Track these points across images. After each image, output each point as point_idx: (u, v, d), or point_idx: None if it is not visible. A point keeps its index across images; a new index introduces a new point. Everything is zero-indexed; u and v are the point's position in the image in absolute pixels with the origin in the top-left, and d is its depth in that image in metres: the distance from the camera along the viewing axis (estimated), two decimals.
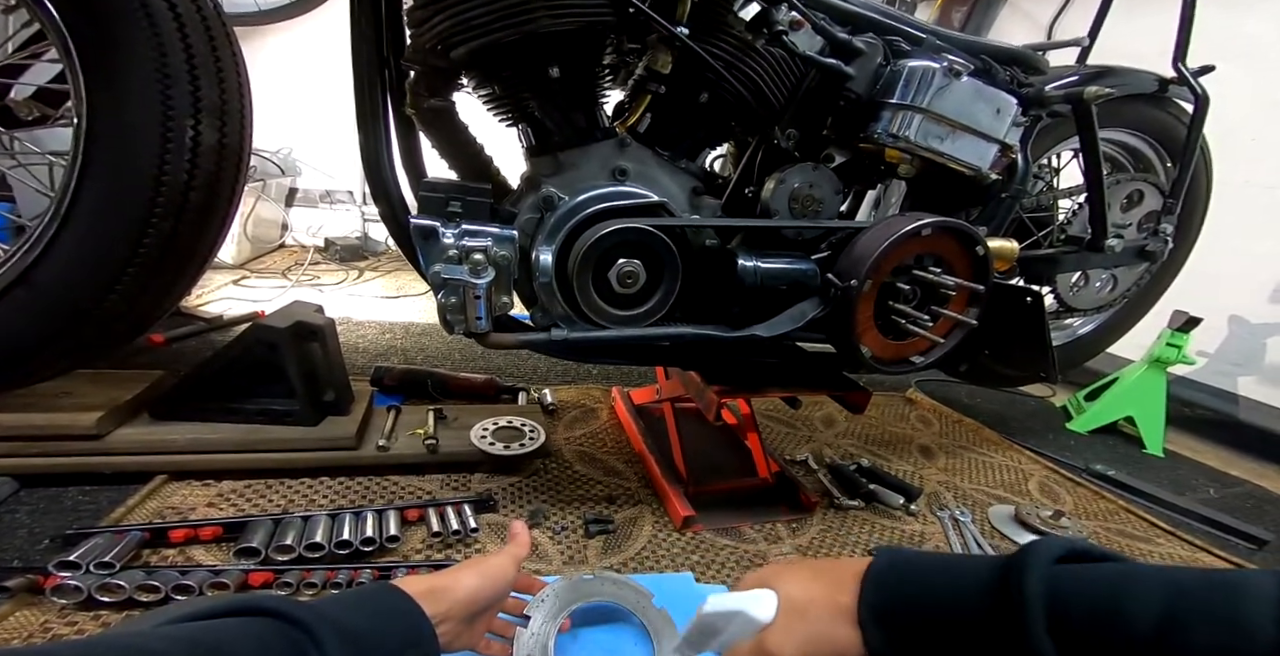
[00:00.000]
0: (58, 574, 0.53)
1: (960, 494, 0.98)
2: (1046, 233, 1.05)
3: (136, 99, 0.61)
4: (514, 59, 0.62)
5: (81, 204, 0.60)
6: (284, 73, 1.77)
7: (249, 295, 1.41)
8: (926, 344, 0.77)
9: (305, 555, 0.61)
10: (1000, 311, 0.81)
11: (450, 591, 0.44)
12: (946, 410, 1.32)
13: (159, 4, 0.62)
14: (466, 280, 0.58)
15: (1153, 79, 1.05)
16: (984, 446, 1.19)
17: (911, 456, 1.09)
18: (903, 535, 0.84)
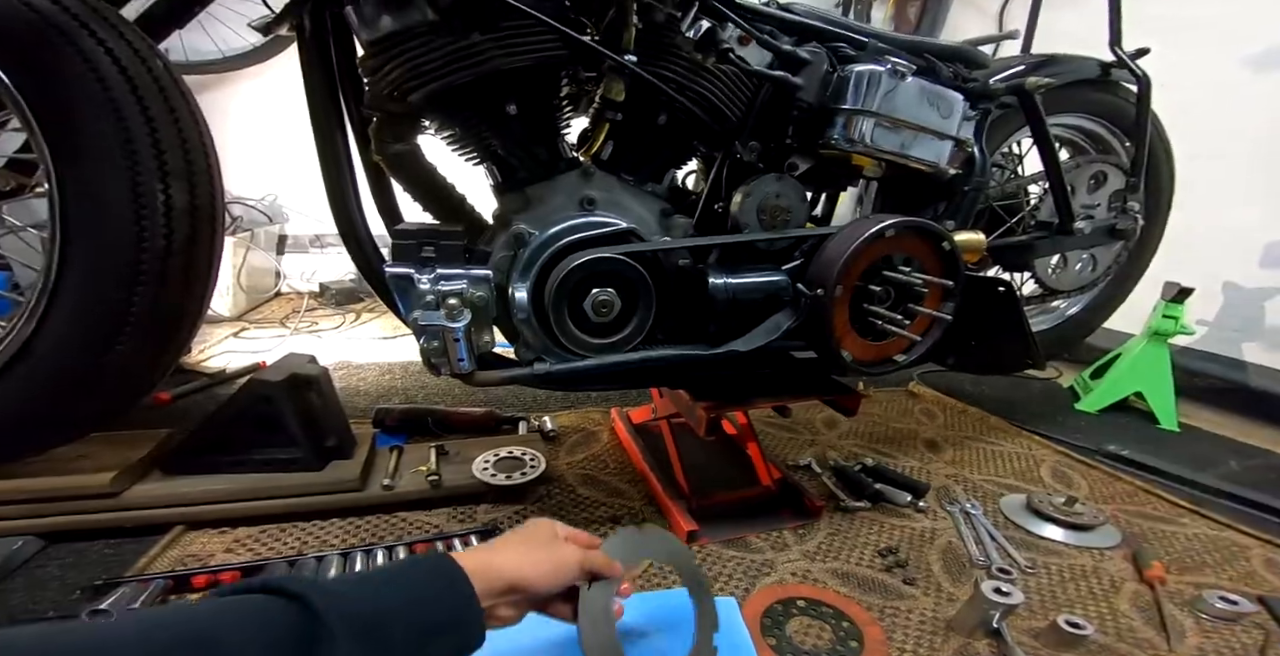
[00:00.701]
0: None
1: (970, 486, 0.98)
2: (1018, 219, 1.05)
3: (102, 166, 0.62)
4: (471, 99, 0.64)
5: (68, 276, 0.62)
6: (259, 118, 1.76)
7: (250, 347, 1.44)
8: (907, 342, 0.78)
9: None
10: (977, 303, 0.82)
11: (508, 575, 0.43)
12: (950, 401, 1.31)
13: (107, 65, 0.62)
14: (444, 324, 0.60)
15: (1094, 64, 1.06)
16: (991, 435, 1.17)
17: (917, 451, 1.08)
18: (913, 533, 0.84)
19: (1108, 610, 0.71)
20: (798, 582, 0.71)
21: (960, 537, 0.83)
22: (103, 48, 0.62)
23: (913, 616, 0.68)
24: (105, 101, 0.62)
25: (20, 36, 0.60)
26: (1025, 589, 0.73)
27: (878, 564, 0.76)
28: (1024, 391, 1.45)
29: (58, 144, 0.62)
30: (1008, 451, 1.12)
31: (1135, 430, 1.25)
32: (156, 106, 0.65)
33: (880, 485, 0.91)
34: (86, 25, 0.63)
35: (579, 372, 0.68)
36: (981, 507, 0.90)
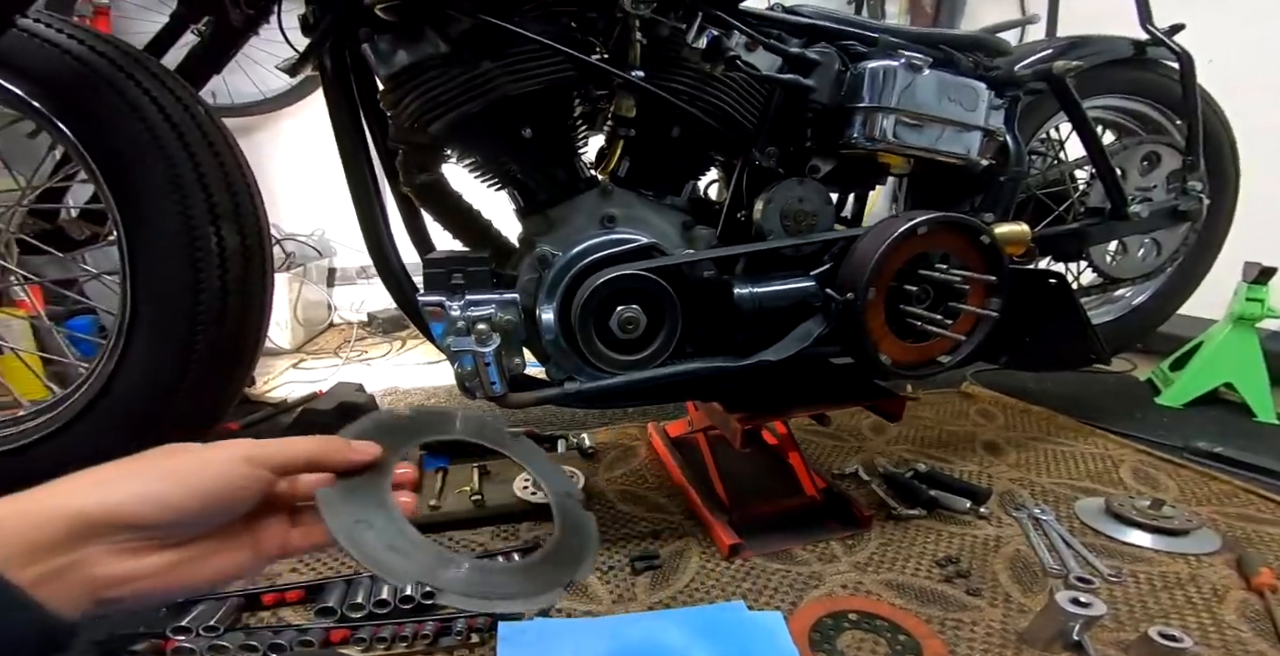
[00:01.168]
0: (174, 637, 0.59)
1: (1038, 490, 0.92)
2: (1066, 207, 0.99)
3: (157, 212, 0.66)
4: (487, 126, 0.66)
5: (139, 318, 0.68)
6: (302, 156, 1.82)
7: (307, 377, 1.53)
8: (951, 343, 0.74)
9: (374, 611, 0.65)
10: (1028, 297, 0.77)
11: (72, 509, 0.27)
12: (1009, 400, 1.24)
13: (153, 113, 0.67)
14: (474, 349, 0.62)
15: (1126, 44, 1.01)
16: (1060, 435, 1.10)
17: (975, 455, 1.03)
18: (975, 541, 0.79)
19: (1210, 621, 0.65)
20: (848, 595, 0.69)
21: (1030, 545, 0.78)
22: (148, 96, 0.67)
23: (978, 629, 0.64)
24: (155, 148, 0.67)
25: (74, 89, 0.66)
26: (1110, 599, 0.68)
27: (936, 574, 0.72)
28: (1094, 387, 1.34)
29: (119, 192, 0.67)
30: (1080, 452, 1.04)
31: (1228, 424, 1.14)
32: (201, 151, 0.70)
33: (936, 491, 0.87)
34: (132, 75, 0.68)
35: (609, 390, 0.68)
36: (1053, 513, 0.85)
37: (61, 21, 0.69)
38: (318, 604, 0.65)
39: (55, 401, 0.73)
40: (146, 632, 0.60)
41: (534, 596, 0.41)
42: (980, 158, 0.76)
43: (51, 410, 0.73)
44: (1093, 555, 0.75)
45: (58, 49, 0.66)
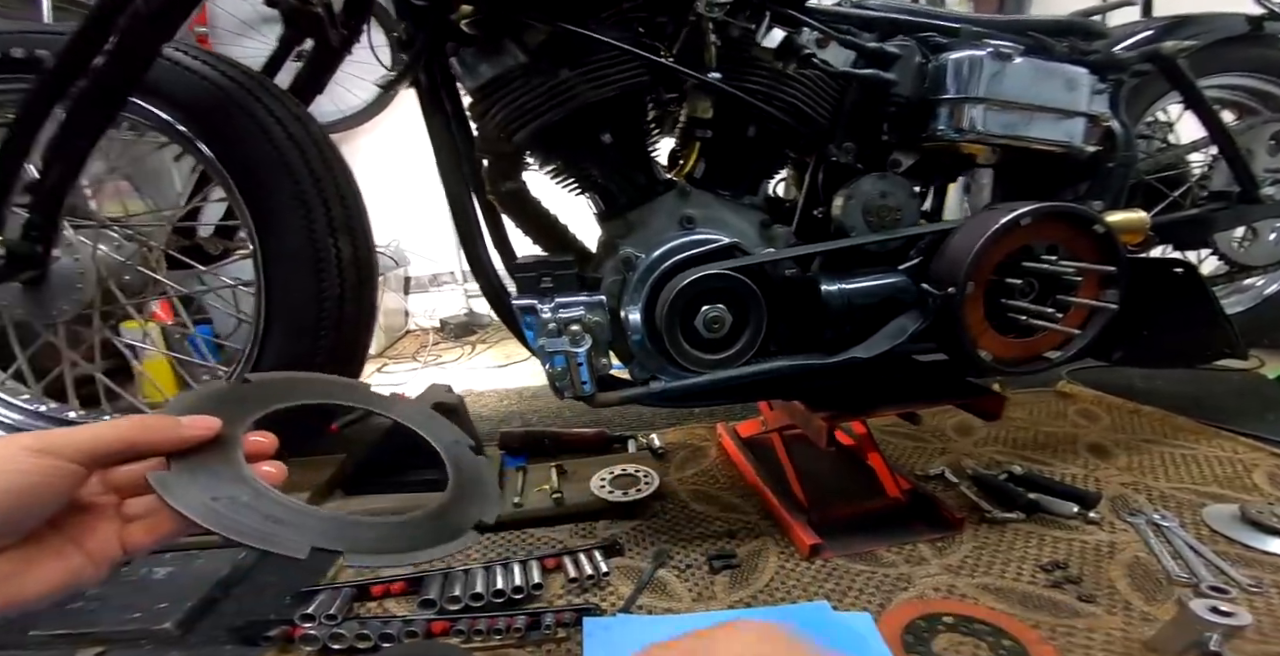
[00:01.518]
0: (301, 625, 0.64)
1: (1156, 495, 0.85)
2: (1184, 191, 0.91)
3: (286, 225, 0.72)
4: (568, 134, 0.68)
5: (272, 326, 0.76)
6: (376, 170, 1.91)
7: (390, 380, 1.63)
8: (1059, 337, 0.69)
9: (470, 604, 0.68)
10: (1151, 288, 0.71)
11: None
12: (1116, 400, 1.15)
13: (278, 132, 0.72)
14: (568, 350, 0.64)
15: (1240, 20, 0.94)
16: (1179, 437, 1.01)
17: (1079, 458, 0.96)
18: (1084, 546, 0.75)
19: None
20: (941, 598, 0.66)
21: (1151, 552, 0.73)
22: (273, 117, 0.74)
23: (1096, 636, 0.60)
24: (281, 166, 0.73)
25: (212, 112, 0.73)
26: (1251, 610, 0.62)
27: (1041, 579, 0.69)
28: (1215, 386, 1.22)
29: (254, 208, 0.74)
30: (1204, 455, 0.95)
31: None
32: (319, 167, 0.75)
33: (1036, 495, 0.82)
34: (259, 98, 0.74)
35: (695, 389, 0.69)
36: (1176, 519, 0.78)
37: (196, 49, 0.77)
38: (419, 596, 0.70)
39: None
40: (277, 619, 0.66)
41: (446, 542, 0.39)
42: (1085, 144, 0.72)
43: None
44: (1227, 563, 0.69)
45: (196, 76, 0.74)
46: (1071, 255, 0.67)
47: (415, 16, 0.67)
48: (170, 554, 0.79)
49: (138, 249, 0.85)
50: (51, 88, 0.69)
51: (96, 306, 0.83)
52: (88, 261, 0.80)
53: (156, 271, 0.85)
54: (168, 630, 0.65)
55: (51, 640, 0.65)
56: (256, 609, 0.71)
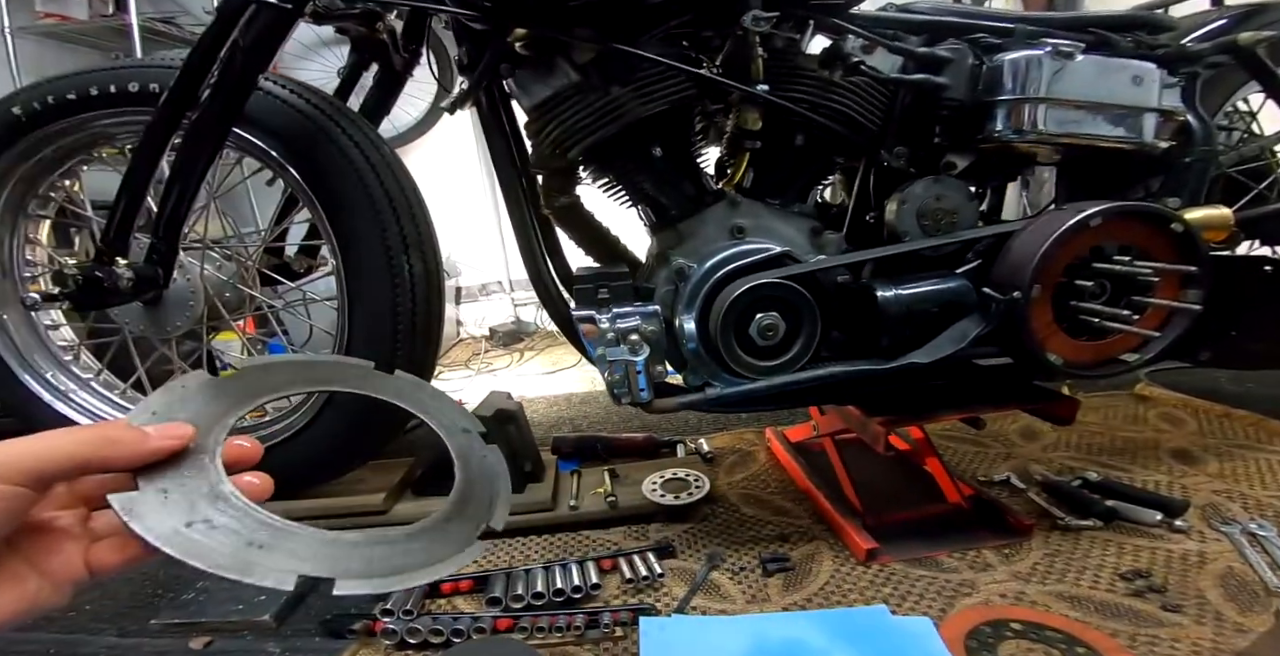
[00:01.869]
0: (381, 619, 0.69)
1: (1252, 503, 0.80)
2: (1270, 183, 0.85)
3: (365, 243, 0.76)
4: (620, 148, 0.70)
5: (354, 337, 0.81)
6: (428, 183, 2.09)
7: (447, 387, 1.71)
8: (1136, 339, 0.66)
9: (532, 602, 0.72)
10: (1237, 286, 0.67)
11: None
12: (1202, 403, 1.07)
13: (356, 155, 0.76)
14: (627, 358, 0.66)
15: None
16: (1275, 443, 0.95)
17: (1162, 464, 0.92)
18: (1170, 555, 0.71)
19: None
20: (1009, 604, 0.65)
21: (1246, 562, 0.69)
22: (351, 141, 0.79)
23: (1181, 646, 0.58)
24: (360, 187, 0.77)
25: (300, 139, 0.78)
26: None
27: (1120, 588, 0.66)
28: None
29: (337, 227, 0.79)
30: None
31: None
32: (392, 187, 0.79)
33: (1114, 502, 0.79)
34: (338, 123, 0.79)
35: (750, 394, 0.70)
36: (1275, 528, 0.74)
37: (285, 79, 0.83)
38: (486, 593, 0.73)
39: (291, 410, 0.91)
40: (359, 614, 0.71)
41: (447, 560, 0.34)
42: (1158, 140, 0.69)
43: (291, 415, 0.90)
44: None
45: (286, 104, 0.80)
46: (1147, 255, 0.64)
47: (474, 40, 0.71)
48: None
49: (237, 268, 0.95)
50: (168, 119, 0.76)
51: (204, 321, 0.92)
52: (197, 281, 0.90)
53: (252, 288, 0.94)
54: (266, 622, 0.71)
55: (167, 628, 0.72)
56: (341, 604, 0.76)
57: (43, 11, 1.79)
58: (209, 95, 0.75)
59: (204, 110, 0.75)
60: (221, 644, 0.70)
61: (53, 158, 0.93)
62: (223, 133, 0.77)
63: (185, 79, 0.75)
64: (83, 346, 1.04)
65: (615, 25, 0.66)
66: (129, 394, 1.01)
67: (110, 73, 0.86)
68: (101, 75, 0.86)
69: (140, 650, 0.70)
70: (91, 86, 0.85)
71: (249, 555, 0.28)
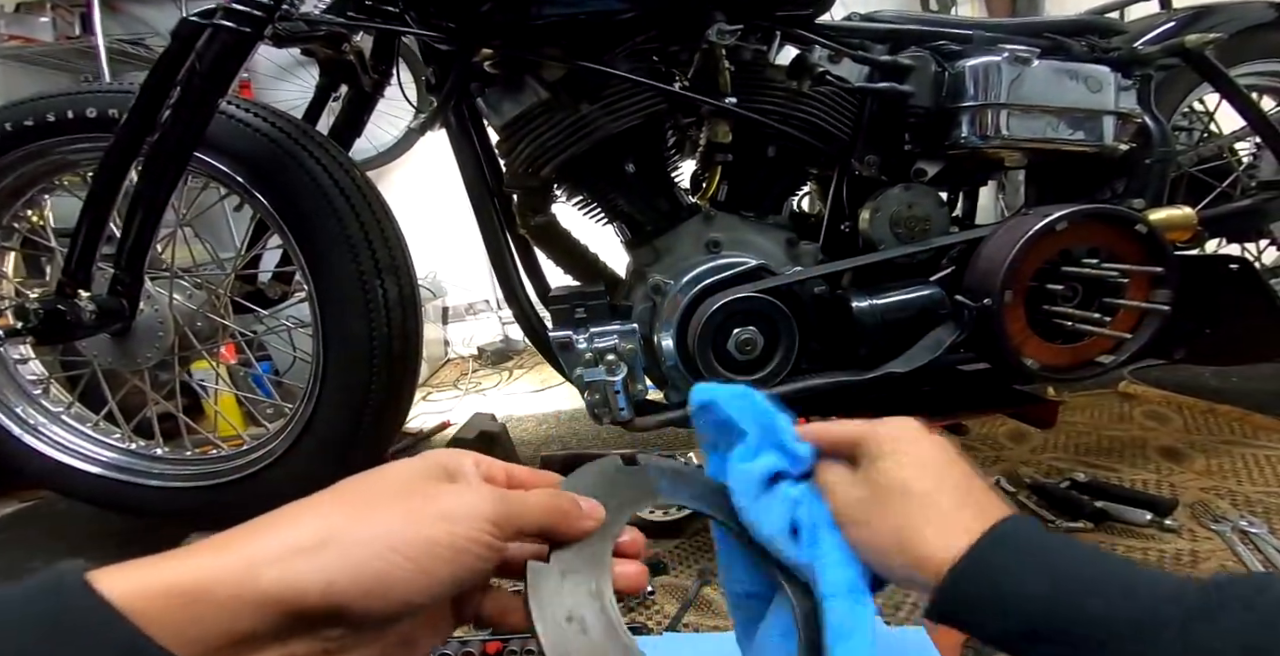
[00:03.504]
0: None
1: (1241, 500, 0.80)
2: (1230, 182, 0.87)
3: (337, 269, 0.75)
4: (593, 165, 0.70)
5: (330, 365, 0.79)
6: (410, 203, 1.90)
7: (435, 408, 1.69)
8: (1110, 341, 0.67)
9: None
10: (1205, 284, 0.68)
11: (282, 590, 0.19)
12: (1187, 400, 1.08)
13: (324, 179, 0.75)
14: (604, 379, 0.65)
15: (1263, 7, 0.89)
16: (1262, 438, 0.95)
17: (1150, 462, 0.91)
18: (1162, 555, 0.71)
19: None
20: None
21: (1239, 560, 0.68)
22: (320, 164, 0.77)
23: None
24: (330, 211, 0.75)
25: (266, 163, 0.76)
26: None
27: None
28: None
29: (307, 252, 0.77)
30: None
31: None
32: (363, 211, 0.78)
33: (1103, 502, 0.78)
34: (305, 146, 0.77)
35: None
36: (1265, 525, 0.73)
37: (247, 102, 0.82)
38: None
39: (271, 436, 0.89)
40: None
41: None
42: (1116, 142, 0.70)
43: (269, 443, 0.88)
44: None
45: (249, 127, 0.78)
46: (1115, 257, 0.65)
47: (440, 60, 0.70)
48: None
49: (207, 297, 0.93)
50: (127, 144, 0.73)
51: (175, 352, 0.90)
52: (165, 310, 0.88)
53: (224, 316, 0.92)
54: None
55: None
56: None
57: (6, 34, 1.76)
58: (168, 120, 0.73)
59: (163, 135, 0.74)
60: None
61: (13, 187, 0.91)
62: (183, 158, 0.76)
63: (143, 103, 0.73)
64: (53, 380, 1.02)
65: (582, 43, 0.66)
66: (101, 426, 0.99)
67: (67, 99, 0.84)
68: (59, 101, 0.84)
69: None
70: (49, 113, 0.83)
71: None
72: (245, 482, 0.86)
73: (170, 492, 0.91)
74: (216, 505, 0.88)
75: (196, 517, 0.89)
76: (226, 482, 0.87)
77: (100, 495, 0.94)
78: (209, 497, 0.88)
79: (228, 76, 0.74)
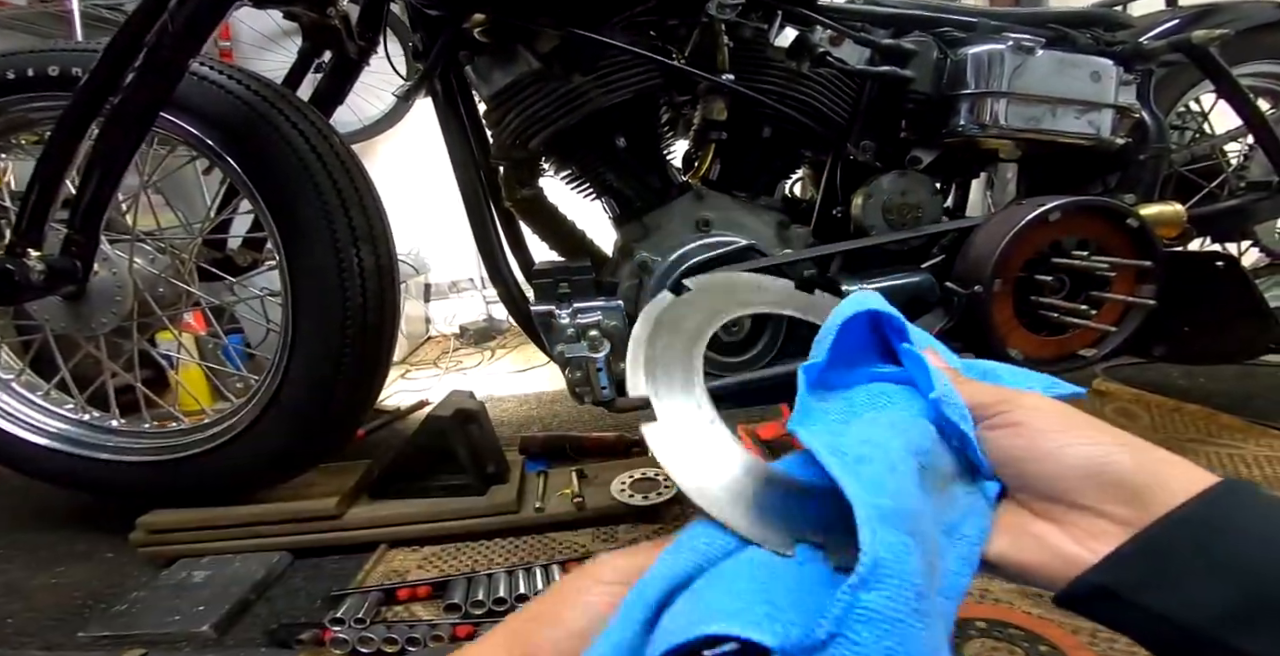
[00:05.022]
0: (331, 628, 0.65)
1: None
2: (1219, 182, 0.88)
3: (311, 236, 0.73)
4: (583, 138, 0.68)
5: (300, 334, 0.76)
6: (396, 178, 1.91)
7: (413, 386, 1.66)
8: (1094, 334, 0.67)
9: (494, 608, 0.69)
10: (1191, 282, 0.69)
11: None
12: (1155, 398, 1.10)
13: (301, 144, 0.73)
14: (587, 356, 0.64)
15: (1270, 5, 0.90)
16: (1224, 436, 0.97)
17: None
18: None
19: None
20: (973, 602, 0.64)
21: None
22: (296, 130, 0.74)
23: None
24: (306, 177, 0.73)
25: (239, 126, 0.74)
26: None
27: None
28: (1262, 383, 1.17)
29: (279, 219, 0.74)
30: (1252, 455, 0.91)
31: None
32: (341, 178, 0.75)
33: None
34: (282, 111, 0.75)
35: (715, 392, 0.68)
36: None
37: (222, 64, 0.78)
38: (445, 599, 0.70)
39: (234, 409, 0.85)
40: (308, 622, 0.67)
41: None
42: (1114, 136, 0.70)
43: (232, 417, 0.85)
44: None
45: (223, 90, 0.75)
46: (1104, 250, 0.65)
47: (429, 26, 0.68)
48: (207, 557, 0.82)
49: (171, 262, 0.88)
50: (86, 104, 0.71)
51: (134, 318, 0.86)
52: (124, 275, 0.83)
53: (189, 283, 0.88)
54: (206, 633, 0.67)
55: (96, 641, 0.67)
56: (289, 611, 0.72)
57: None
58: (133, 80, 0.69)
59: (127, 95, 0.70)
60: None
61: None
62: (148, 119, 0.72)
63: (109, 61, 0.70)
64: (3, 344, 0.96)
65: (577, 12, 0.64)
66: (53, 395, 0.94)
67: (28, 56, 0.80)
68: (19, 59, 0.80)
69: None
70: (8, 71, 0.80)
71: None
72: (204, 458, 0.83)
73: (122, 468, 0.87)
74: (172, 482, 0.85)
75: (149, 495, 0.86)
76: (184, 458, 0.84)
77: (47, 468, 0.90)
78: (164, 474, 0.85)
79: (201, 36, 0.71)
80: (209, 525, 0.83)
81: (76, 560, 0.87)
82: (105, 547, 0.89)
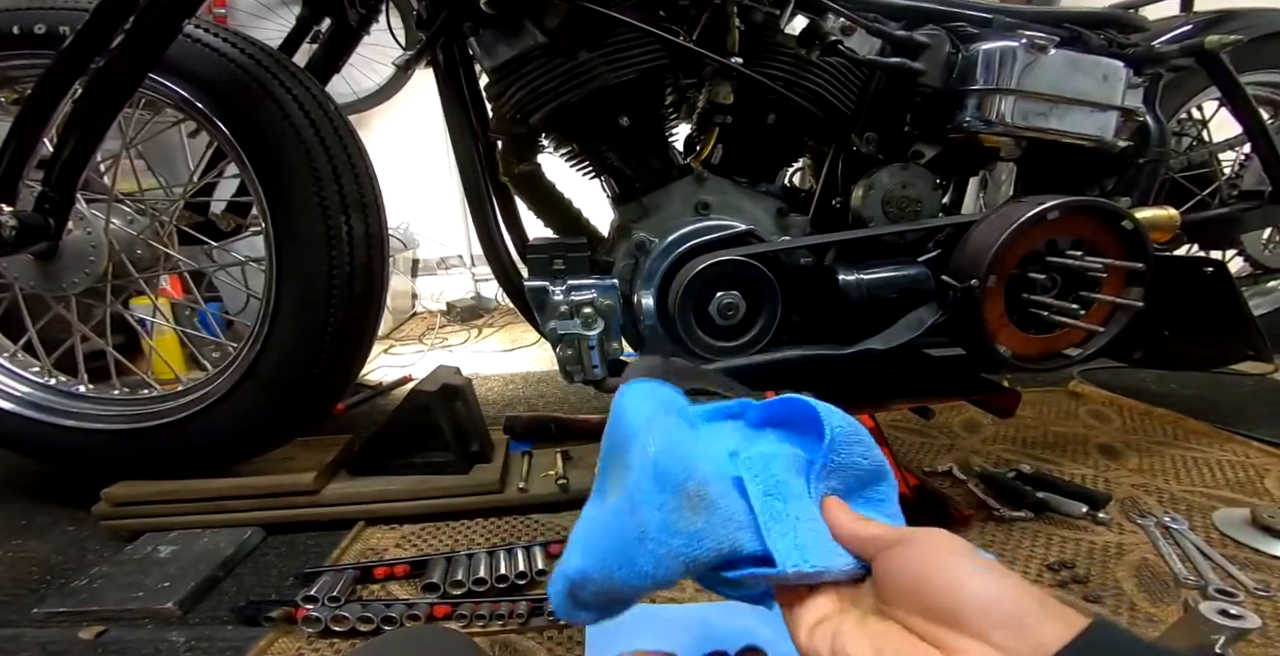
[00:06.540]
0: (304, 606, 0.64)
1: (1166, 497, 0.84)
2: (1212, 190, 0.90)
3: (300, 203, 0.71)
4: (586, 116, 0.67)
5: (282, 303, 0.74)
6: (389, 152, 1.88)
7: (397, 362, 1.63)
8: (1080, 334, 0.69)
9: (473, 589, 0.68)
10: (1176, 287, 0.70)
11: None
12: (1128, 401, 1.14)
13: (295, 110, 0.71)
14: (580, 333, 0.63)
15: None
16: (1191, 440, 1.00)
17: (1089, 458, 0.95)
18: (1093, 547, 0.74)
19: None
20: None
21: (1159, 553, 0.72)
22: (290, 95, 0.72)
23: None
24: (297, 143, 0.71)
25: (229, 89, 0.72)
26: (1258, 614, 0.61)
27: (1048, 578, 0.68)
28: (1229, 391, 1.21)
29: (267, 184, 0.73)
30: (1216, 459, 0.94)
31: None
32: (334, 145, 0.74)
33: (1045, 494, 0.81)
34: (276, 75, 0.73)
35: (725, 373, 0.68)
36: (1185, 522, 0.78)
37: (215, 26, 0.76)
38: (423, 579, 0.69)
39: (209, 379, 0.83)
40: (279, 600, 0.66)
41: None
42: (1117, 139, 0.71)
43: (207, 386, 0.82)
44: (1235, 567, 0.69)
45: (216, 53, 0.73)
46: (1097, 251, 0.66)
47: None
48: (175, 532, 0.79)
49: (150, 223, 0.85)
50: (71, 64, 0.68)
51: (108, 280, 0.82)
52: (100, 235, 0.80)
53: (168, 246, 0.85)
54: (169, 609, 0.65)
55: (52, 618, 0.65)
56: (259, 589, 0.70)
57: None
58: (123, 41, 0.67)
59: (115, 55, 0.68)
60: (117, 633, 0.63)
61: None
62: (135, 79, 0.70)
63: (98, 21, 0.67)
64: None
65: None
66: (19, 358, 0.90)
67: (13, 13, 0.77)
68: (4, 15, 0.77)
69: (19, 640, 0.62)
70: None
71: None
72: (173, 428, 0.80)
73: (87, 435, 0.83)
74: (139, 451, 0.82)
75: (114, 465, 0.83)
76: (153, 427, 0.81)
77: (6, 434, 0.86)
78: (131, 443, 0.82)
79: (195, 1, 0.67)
80: (178, 498, 0.81)
81: (35, 533, 0.84)
82: (66, 520, 0.86)
